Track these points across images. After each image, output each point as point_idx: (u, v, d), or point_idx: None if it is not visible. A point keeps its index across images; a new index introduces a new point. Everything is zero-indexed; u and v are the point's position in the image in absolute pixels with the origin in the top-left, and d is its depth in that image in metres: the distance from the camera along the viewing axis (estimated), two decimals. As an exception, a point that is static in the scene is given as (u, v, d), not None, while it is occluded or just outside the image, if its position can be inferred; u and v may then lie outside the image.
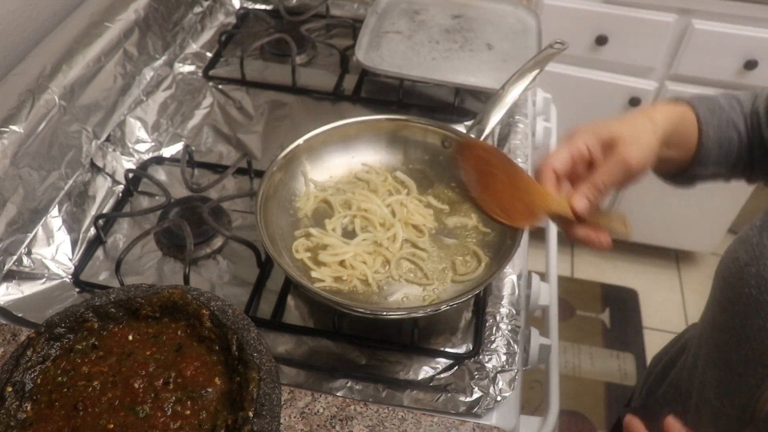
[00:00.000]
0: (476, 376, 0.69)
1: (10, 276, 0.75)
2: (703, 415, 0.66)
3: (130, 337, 0.61)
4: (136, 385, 0.57)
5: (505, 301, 0.76)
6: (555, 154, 0.62)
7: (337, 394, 0.68)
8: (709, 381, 0.65)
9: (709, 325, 0.66)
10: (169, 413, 0.56)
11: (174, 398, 0.56)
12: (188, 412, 0.56)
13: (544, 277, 0.87)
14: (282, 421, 0.64)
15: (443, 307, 0.68)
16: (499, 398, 0.67)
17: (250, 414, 0.54)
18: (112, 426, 0.55)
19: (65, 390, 0.57)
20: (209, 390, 0.57)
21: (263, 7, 1.25)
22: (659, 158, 0.64)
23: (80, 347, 0.60)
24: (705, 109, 0.68)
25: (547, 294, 0.83)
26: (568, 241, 0.63)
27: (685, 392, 0.74)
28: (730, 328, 0.60)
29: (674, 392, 0.79)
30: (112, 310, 0.61)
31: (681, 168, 0.70)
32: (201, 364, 0.59)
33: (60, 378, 0.58)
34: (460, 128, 0.84)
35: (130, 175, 0.89)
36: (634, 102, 1.65)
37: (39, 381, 0.57)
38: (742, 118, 0.69)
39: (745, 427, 0.57)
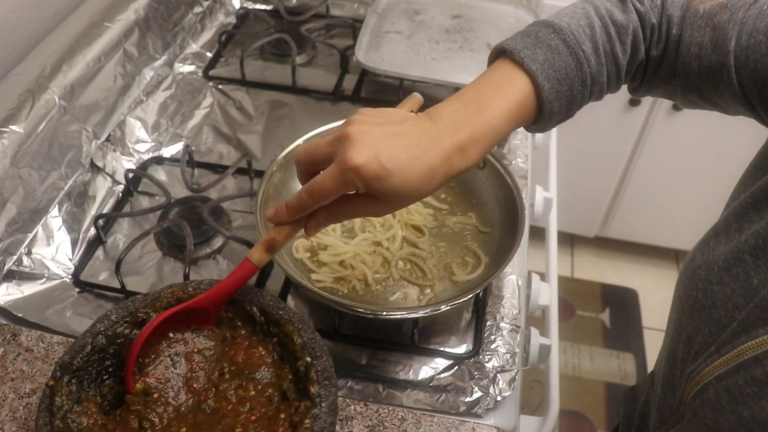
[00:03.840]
0: (476, 376, 0.69)
1: (10, 276, 0.75)
2: (652, 408, 0.66)
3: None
4: (196, 386, 0.58)
5: (505, 301, 0.76)
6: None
7: (338, 394, 0.68)
8: (659, 376, 0.65)
9: (669, 322, 0.66)
10: (234, 400, 0.57)
11: (234, 385, 0.57)
12: (253, 392, 0.57)
13: (544, 277, 0.87)
14: (282, 421, 0.64)
15: (443, 308, 0.68)
16: (499, 398, 0.67)
17: (308, 359, 0.56)
18: (184, 430, 0.55)
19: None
20: (261, 367, 0.59)
21: (263, 7, 1.25)
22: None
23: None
24: (553, 80, 0.55)
25: (547, 294, 0.83)
26: (568, 241, 0.61)
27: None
28: (678, 325, 0.59)
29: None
30: (119, 329, 0.59)
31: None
32: (249, 344, 0.60)
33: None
34: (460, 128, 0.84)
35: (130, 175, 0.89)
36: (634, 102, 1.65)
37: (85, 423, 0.54)
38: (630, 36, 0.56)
39: (678, 411, 0.57)
